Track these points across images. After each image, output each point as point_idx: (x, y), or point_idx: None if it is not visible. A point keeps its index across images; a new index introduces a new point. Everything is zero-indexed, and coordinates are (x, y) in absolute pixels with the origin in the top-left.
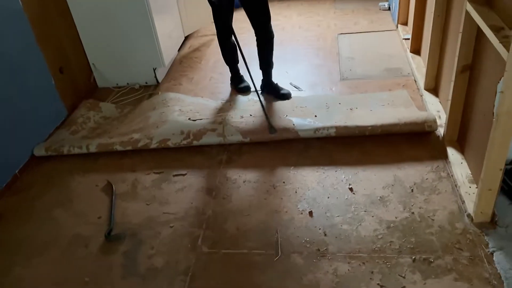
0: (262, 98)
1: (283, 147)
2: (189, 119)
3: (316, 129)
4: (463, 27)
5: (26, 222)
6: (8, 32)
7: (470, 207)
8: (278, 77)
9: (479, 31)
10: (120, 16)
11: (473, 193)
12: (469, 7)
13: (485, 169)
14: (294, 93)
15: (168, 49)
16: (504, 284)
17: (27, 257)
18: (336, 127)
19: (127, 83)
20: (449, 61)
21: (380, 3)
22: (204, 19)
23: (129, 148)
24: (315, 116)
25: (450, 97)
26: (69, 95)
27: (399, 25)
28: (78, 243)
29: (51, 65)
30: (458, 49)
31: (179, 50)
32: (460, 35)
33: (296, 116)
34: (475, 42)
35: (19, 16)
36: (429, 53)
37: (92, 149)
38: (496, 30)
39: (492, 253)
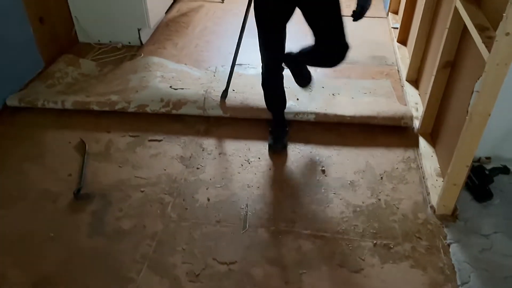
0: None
1: (262, 125)
2: (170, 87)
3: (296, 113)
4: (450, 23)
5: None
6: None
7: (434, 199)
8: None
9: (465, 28)
10: None
11: (439, 186)
12: (459, 4)
13: (452, 165)
14: None
15: (155, 10)
16: (457, 274)
17: None
18: (316, 114)
19: (110, 41)
20: (432, 55)
21: None
22: None
23: (106, 109)
24: (297, 99)
25: (428, 91)
26: (47, 47)
27: (389, 13)
28: (46, 198)
29: (31, 14)
30: (442, 45)
31: (166, 13)
32: (446, 30)
33: None
34: (460, 39)
35: None
36: (414, 45)
37: (68, 105)
38: (481, 29)
39: (449, 245)
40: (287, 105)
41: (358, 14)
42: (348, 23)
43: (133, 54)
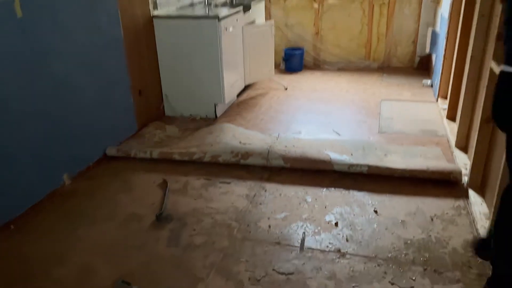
0: None
1: (319, 175)
2: (240, 142)
3: (351, 165)
4: (488, 82)
5: (92, 200)
6: (110, 54)
7: None
8: (321, 124)
9: None
10: (195, 59)
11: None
12: (493, 64)
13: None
14: (335, 135)
15: (229, 89)
16: None
17: (90, 223)
18: (369, 166)
19: (190, 114)
20: (477, 121)
21: (424, 80)
22: (262, 75)
23: (186, 158)
24: (351, 154)
25: (474, 145)
26: (142, 114)
27: (439, 98)
28: (132, 219)
29: (133, 87)
30: (482, 102)
31: (238, 96)
32: (484, 89)
33: (334, 152)
34: None
35: (119, 43)
36: (461, 114)
37: (155, 155)
38: None
39: None
40: (342, 157)
41: None
42: (403, 105)
43: (209, 124)
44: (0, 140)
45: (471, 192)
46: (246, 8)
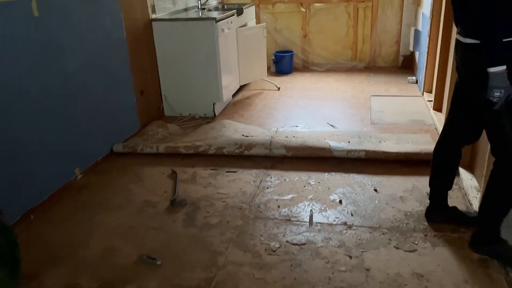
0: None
1: (319, 162)
2: (242, 135)
3: (349, 151)
4: None
5: (105, 191)
6: (114, 54)
7: (475, 207)
8: (316, 119)
9: None
10: (193, 60)
11: (479, 197)
12: None
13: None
14: (331, 128)
15: (226, 89)
16: None
17: (107, 211)
18: (366, 151)
19: (189, 114)
20: None
21: (409, 77)
22: (255, 75)
23: (191, 151)
24: (349, 142)
25: None
26: (143, 114)
27: (424, 92)
28: (148, 205)
29: (136, 87)
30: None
31: (233, 96)
32: None
33: (332, 140)
34: None
35: (123, 44)
36: (447, 102)
37: (161, 149)
38: None
39: None
40: (340, 145)
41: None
42: (391, 100)
43: (209, 122)
44: (18, 134)
45: (461, 170)
46: (239, 12)
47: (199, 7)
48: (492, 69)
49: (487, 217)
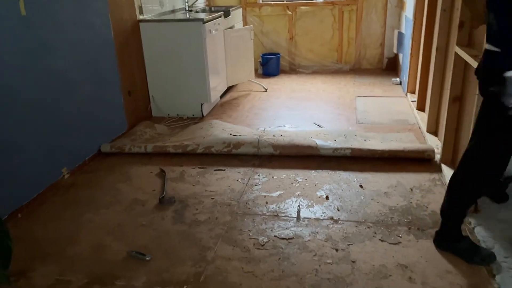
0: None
1: (306, 160)
2: (230, 134)
3: (335, 149)
4: (454, 65)
5: (93, 190)
6: (102, 55)
7: None
8: (303, 119)
9: (465, 69)
10: (181, 61)
11: None
12: (457, 49)
13: None
14: (318, 127)
15: (214, 90)
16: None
17: (95, 209)
18: (352, 149)
19: (177, 114)
20: (445, 106)
21: (393, 79)
22: (243, 77)
23: (179, 151)
24: (335, 140)
25: (444, 124)
26: (131, 114)
27: (408, 93)
28: (137, 203)
29: (123, 87)
30: (450, 84)
31: (221, 97)
32: (451, 72)
33: (318, 139)
34: (463, 78)
35: (110, 44)
36: (430, 100)
37: (149, 149)
38: (475, 57)
39: (474, 227)
40: (326, 143)
41: None
42: (376, 100)
43: (197, 122)
44: (5, 133)
45: (444, 167)
46: (226, 13)
47: (187, 8)
48: (509, 74)
49: (449, 215)
